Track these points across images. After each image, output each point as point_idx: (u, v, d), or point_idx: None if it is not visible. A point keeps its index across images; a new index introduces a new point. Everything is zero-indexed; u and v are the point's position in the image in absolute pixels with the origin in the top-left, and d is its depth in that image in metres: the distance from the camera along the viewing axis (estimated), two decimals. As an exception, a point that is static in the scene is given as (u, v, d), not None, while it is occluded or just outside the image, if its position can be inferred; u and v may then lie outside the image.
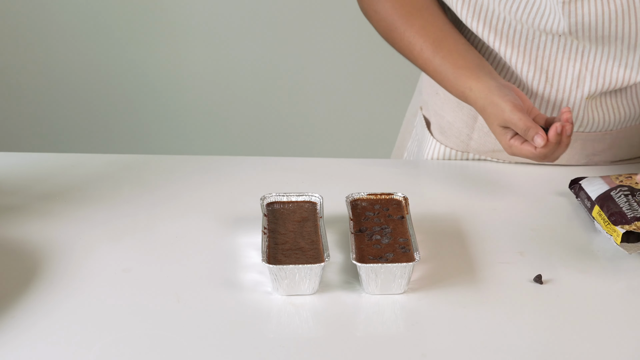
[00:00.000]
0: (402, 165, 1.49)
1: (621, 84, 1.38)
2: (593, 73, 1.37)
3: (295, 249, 1.16)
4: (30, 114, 2.97)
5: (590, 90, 1.38)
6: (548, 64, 1.38)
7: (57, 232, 1.25)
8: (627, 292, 1.17)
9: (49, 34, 2.87)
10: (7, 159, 1.46)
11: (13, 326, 1.07)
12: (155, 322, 1.08)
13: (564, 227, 1.29)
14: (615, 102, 1.41)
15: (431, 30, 1.39)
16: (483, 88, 1.32)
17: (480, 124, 1.46)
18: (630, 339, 1.08)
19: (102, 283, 1.15)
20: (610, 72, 1.37)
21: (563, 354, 1.05)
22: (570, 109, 1.28)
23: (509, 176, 1.43)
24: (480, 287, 1.16)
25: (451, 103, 1.48)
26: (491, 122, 1.31)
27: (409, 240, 1.18)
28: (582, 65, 1.37)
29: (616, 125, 1.44)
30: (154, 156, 1.48)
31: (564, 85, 1.39)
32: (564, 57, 1.37)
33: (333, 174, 1.43)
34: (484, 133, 1.46)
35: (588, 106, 1.40)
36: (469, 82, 1.34)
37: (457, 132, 1.48)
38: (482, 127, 1.46)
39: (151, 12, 2.84)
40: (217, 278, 1.16)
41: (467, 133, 1.47)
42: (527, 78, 1.39)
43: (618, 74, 1.37)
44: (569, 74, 1.38)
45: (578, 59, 1.37)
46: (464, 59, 1.36)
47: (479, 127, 1.46)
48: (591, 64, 1.37)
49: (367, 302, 1.13)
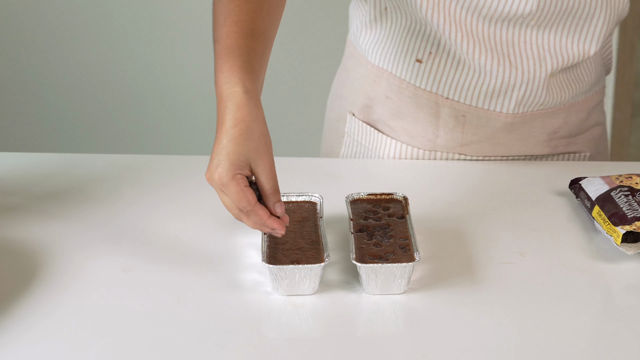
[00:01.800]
0: (402, 165, 1.49)
1: (578, 58, 1.42)
2: (552, 52, 1.41)
3: (295, 249, 1.16)
4: (30, 114, 2.97)
5: (553, 67, 1.42)
6: (509, 50, 1.40)
7: (57, 232, 1.25)
8: (627, 292, 1.17)
9: (49, 34, 2.87)
10: (7, 159, 1.46)
11: (13, 326, 1.07)
12: (155, 322, 1.08)
13: (564, 227, 1.29)
14: (569, 77, 1.46)
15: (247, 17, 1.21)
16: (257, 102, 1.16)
17: (444, 120, 1.47)
18: (631, 338, 1.08)
19: (102, 283, 1.15)
20: (567, 49, 1.41)
21: (563, 353, 1.05)
22: None
23: (509, 176, 1.43)
24: (480, 287, 1.16)
25: (409, 105, 1.48)
26: (244, 136, 1.12)
27: (409, 240, 1.18)
28: (540, 46, 1.40)
29: (568, 100, 1.48)
30: (154, 156, 1.48)
31: (528, 66, 1.41)
32: (521, 40, 1.39)
33: (333, 174, 1.43)
34: (450, 128, 1.47)
35: (549, 84, 1.44)
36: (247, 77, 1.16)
37: (422, 131, 1.48)
38: (447, 122, 1.47)
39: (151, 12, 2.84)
40: (217, 278, 1.16)
41: (432, 131, 1.48)
42: (491, 66, 1.41)
43: (574, 50, 1.41)
44: (530, 55, 1.41)
45: (537, 41, 1.40)
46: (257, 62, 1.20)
47: (442, 123, 1.47)
48: (549, 43, 1.40)
49: (367, 302, 1.13)
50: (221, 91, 1.14)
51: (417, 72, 1.45)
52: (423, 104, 1.47)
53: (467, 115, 1.45)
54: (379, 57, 1.49)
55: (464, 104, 1.44)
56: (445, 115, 1.46)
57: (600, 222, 1.25)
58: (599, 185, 1.30)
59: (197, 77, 2.90)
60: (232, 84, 1.14)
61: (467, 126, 1.46)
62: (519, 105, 1.44)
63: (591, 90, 1.51)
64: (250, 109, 1.13)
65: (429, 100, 1.46)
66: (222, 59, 1.16)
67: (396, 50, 1.46)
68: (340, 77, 1.60)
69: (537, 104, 1.45)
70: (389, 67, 1.48)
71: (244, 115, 1.12)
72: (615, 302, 1.15)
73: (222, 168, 1.10)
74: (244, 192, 1.11)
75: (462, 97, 1.44)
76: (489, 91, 1.43)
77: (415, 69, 1.45)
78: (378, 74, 1.49)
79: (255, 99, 1.14)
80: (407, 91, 1.47)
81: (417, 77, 1.45)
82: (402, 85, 1.47)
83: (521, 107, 1.44)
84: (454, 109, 1.45)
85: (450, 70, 1.42)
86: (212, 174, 1.11)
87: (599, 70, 1.51)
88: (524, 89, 1.42)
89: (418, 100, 1.47)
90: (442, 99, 1.45)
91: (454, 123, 1.46)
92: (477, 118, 1.45)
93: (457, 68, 1.42)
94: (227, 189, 1.11)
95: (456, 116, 1.46)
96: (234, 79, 1.14)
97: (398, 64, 1.47)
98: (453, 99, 1.44)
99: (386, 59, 1.48)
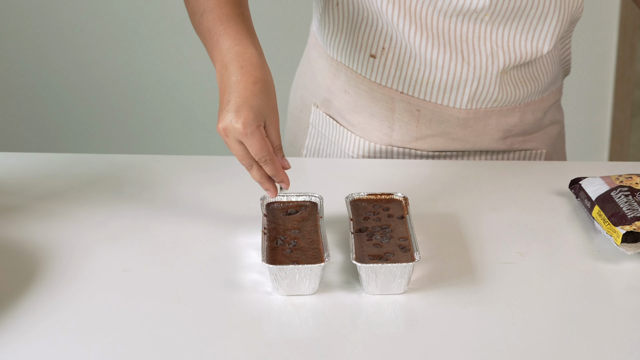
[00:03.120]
0: (402, 165, 1.49)
1: (531, 56, 1.43)
2: (504, 49, 1.42)
3: (295, 249, 1.16)
4: (30, 114, 2.97)
5: (505, 64, 1.43)
6: (462, 44, 1.41)
7: (57, 232, 1.25)
8: (627, 292, 1.17)
9: (49, 34, 2.87)
10: (7, 159, 1.46)
11: (13, 326, 1.07)
12: (155, 322, 1.08)
13: (564, 227, 1.29)
14: (523, 75, 1.47)
15: None
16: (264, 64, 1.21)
17: (399, 114, 1.48)
18: (631, 339, 1.08)
19: (102, 283, 1.15)
20: (520, 46, 1.42)
21: (563, 353, 1.05)
22: None
23: (509, 176, 1.44)
24: (480, 287, 1.16)
25: (365, 99, 1.49)
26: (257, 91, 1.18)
27: (409, 240, 1.18)
28: (493, 42, 1.41)
29: (524, 99, 1.49)
30: (154, 156, 1.48)
31: (480, 62, 1.42)
32: (475, 35, 1.41)
33: (333, 174, 1.43)
34: (405, 122, 1.48)
35: (502, 80, 1.45)
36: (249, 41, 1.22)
37: (379, 126, 1.49)
38: (402, 117, 1.48)
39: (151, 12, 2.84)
40: (217, 278, 1.16)
41: (388, 125, 1.49)
42: (443, 60, 1.42)
43: (527, 48, 1.43)
44: (483, 51, 1.42)
45: (490, 37, 1.41)
46: None
47: (397, 117, 1.48)
48: (503, 39, 1.42)
49: (367, 302, 1.13)
50: (233, 52, 1.20)
51: (371, 66, 1.46)
52: (378, 99, 1.48)
53: (421, 109, 1.46)
54: (336, 50, 1.50)
55: (417, 98, 1.46)
56: (400, 110, 1.48)
57: (600, 222, 1.25)
58: (599, 185, 1.30)
59: (197, 77, 2.90)
60: (244, 46, 1.20)
61: (422, 120, 1.47)
62: (471, 101, 1.45)
63: (547, 90, 1.53)
64: (266, 70, 1.20)
65: (384, 94, 1.47)
66: (225, 24, 1.22)
67: (351, 44, 1.47)
68: (303, 67, 1.61)
69: (490, 100, 1.46)
70: (346, 61, 1.49)
71: (263, 75, 1.19)
72: (615, 302, 1.15)
73: (248, 118, 1.15)
74: (266, 141, 1.17)
75: (415, 91, 1.46)
76: (442, 86, 1.44)
77: (370, 64, 1.46)
78: (337, 67, 1.50)
79: (265, 62, 1.21)
80: (363, 85, 1.48)
81: (372, 71, 1.47)
82: (359, 79, 1.48)
83: (474, 102, 1.45)
84: (408, 104, 1.47)
85: (404, 65, 1.44)
86: (233, 124, 1.15)
87: (555, 70, 1.53)
88: (476, 84, 1.44)
89: (374, 94, 1.48)
90: (397, 93, 1.46)
91: (409, 117, 1.47)
92: (431, 113, 1.47)
93: (409, 63, 1.43)
94: (251, 137, 1.16)
95: (411, 110, 1.47)
96: (244, 42, 1.21)
97: (353, 58, 1.48)
98: (407, 93, 1.45)
99: (343, 52, 1.49)
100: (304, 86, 1.60)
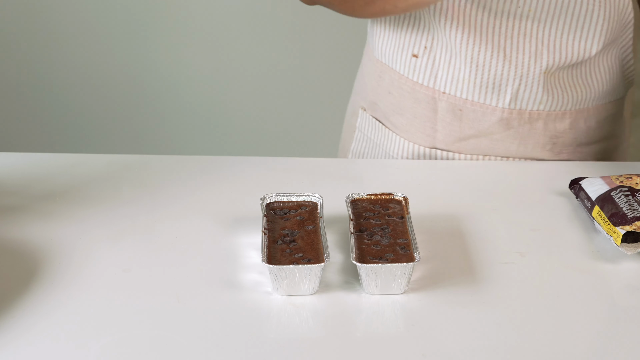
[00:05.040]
0: (402, 165, 1.49)
1: (577, 57, 1.42)
2: (549, 47, 1.41)
3: (295, 249, 1.16)
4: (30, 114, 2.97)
5: (549, 64, 1.42)
6: (504, 42, 1.41)
7: (57, 232, 1.25)
8: (627, 292, 1.17)
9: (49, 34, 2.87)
10: (7, 159, 1.45)
11: (13, 326, 1.07)
12: (155, 322, 1.08)
13: (564, 227, 1.29)
14: (572, 78, 1.45)
15: None
16: None
17: (442, 114, 1.48)
18: (631, 339, 1.08)
19: (102, 283, 1.15)
20: (566, 46, 1.41)
21: (563, 354, 1.05)
22: None
23: (509, 176, 1.44)
24: (480, 287, 1.16)
25: (408, 100, 1.49)
26: None
27: (409, 241, 1.18)
28: (538, 40, 1.41)
29: (574, 105, 1.47)
30: (154, 156, 1.48)
31: (522, 60, 1.42)
32: (520, 33, 1.40)
33: (333, 174, 1.43)
34: (447, 123, 1.48)
35: (547, 82, 1.43)
36: None
37: (421, 127, 1.49)
38: (444, 117, 1.48)
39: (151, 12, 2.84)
40: (217, 278, 1.16)
41: (430, 126, 1.48)
42: (484, 58, 1.42)
43: (573, 47, 1.41)
44: (526, 49, 1.41)
45: (534, 34, 1.40)
46: None
47: (440, 118, 1.48)
48: (548, 37, 1.40)
49: (367, 302, 1.13)
50: None
51: (414, 66, 1.46)
52: (421, 99, 1.48)
53: (463, 109, 1.46)
54: (381, 51, 1.50)
55: (460, 97, 1.45)
56: (442, 110, 1.47)
57: (600, 223, 1.25)
58: (599, 185, 1.30)
59: (198, 77, 2.90)
60: None
61: (464, 120, 1.47)
62: (514, 100, 1.44)
63: (603, 99, 1.50)
64: None
65: (427, 95, 1.47)
66: None
67: (394, 45, 1.47)
68: (359, 72, 1.62)
69: (535, 101, 1.45)
70: (390, 62, 1.49)
71: None
72: (615, 302, 1.15)
73: None
74: None
75: (457, 90, 1.45)
76: (483, 84, 1.43)
77: (412, 64, 1.46)
78: (382, 69, 1.51)
79: None
80: (406, 86, 1.48)
81: (414, 71, 1.47)
82: (402, 80, 1.48)
83: (517, 102, 1.45)
84: (450, 103, 1.46)
85: (445, 63, 1.44)
86: None
87: (613, 79, 1.50)
88: (518, 83, 1.43)
89: (416, 95, 1.48)
90: (439, 93, 1.46)
91: (451, 117, 1.47)
92: (473, 112, 1.46)
93: (450, 61, 1.43)
94: None
95: (453, 110, 1.47)
96: None
97: (397, 59, 1.48)
98: (449, 93, 1.45)
99: (387, 53, 1.49)
100: (355, 91, 1.61)
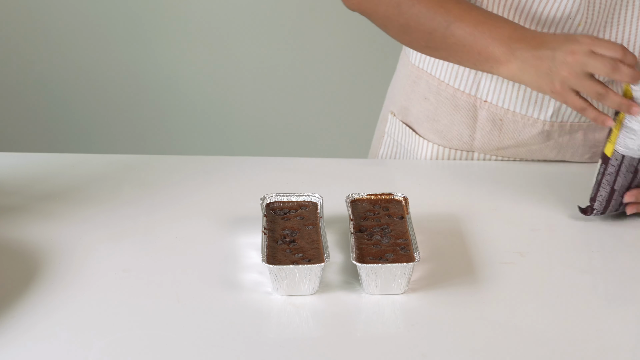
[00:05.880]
0: (402, 165, 1.49)
1: None
2: None
3: (295, 249, 1.16)
4: (30, 114, 2.97)
5: None
6: None
7: (57, 232, 1.25)
8: (627, 292, 1.17)
9: (49, 34, 2.87)
10: (7, 159, 1.46)
11: (13, 326, 1.07)
12: (155, 322, 1.08)
13: (564, 227, 1.29)
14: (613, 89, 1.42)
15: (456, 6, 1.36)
16: None
17: (481, 123, 1.46)
18: (631, 339, 1.08)
19: (102, 283, 1.15)
20: None
21: (563, 354, 1.05)
22: None
23: (510, 176, 1.43)
24: (480, 287, 1.16)
25: (446, 106, 1.48)
26: None
27: (409, 241, 1.18)
28: None
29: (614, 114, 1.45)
30: (154, 156, 1.48)
31: None
32: None
33: (333, 174, 1.43)
34: (487, 132, 1.47)
35: None
36: None
37: (459, 135, 1.48)
38: (484, 126, 1.46)
39: (151, 12, 2.84)
40: (217, 278, 1.16)
41: (468, 134, 1.47)
42: None
43: None
44: None
45: None
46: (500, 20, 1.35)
47: (480, 126, 1.46)
48: None
49: (367, 302, 1.13)
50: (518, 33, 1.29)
51: (456, 73, 1.45)
52: (461, 106, 1.46)
53: (504, 119, 1.45)
54: (419, 57, 1.49)
55: (501, 107, 1.44)
56: (482, 119, 1.46)
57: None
58: None
59: (198, 77, 2.90)
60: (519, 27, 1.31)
61: (504, 130, 1.45)
62: (556, 114, 1.43)
63: None
64: None
65: (467, 102, 1.46)
66: (502, 20, 1.32)
67: None
68: (393, 79, 1.61)
69: (577, 114, 1.43)
70: (428, 68, 1.48)
71: None
72: (615, 302, 1.15)
73: (581, 35, 1.26)
74: None
75: (500, 100, 1.44)
76: (526, 96, 1.42)
77: (455, 71, 1.45)
78: (418, 75, 1.50)
79: None
80: (446, 92, 1.47)
81: (456, 78, 1.45)
82: (441, 86, 1.47)
83: (559, 115, 1.43)
84: (491, 112, 1.45)
85: (488, 73, 1.41)
86: (577, 39, 1.25)
87: None
88: None
89: (456, 102, 1.46)
90: (481, 101, 1.45)
91: (491, 126, 1.46)
92: (514, 123, 1.45)
93: None
94: (608, 43, 1.24)
95: (494, 119, 1.45)
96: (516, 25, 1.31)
97: (437, 65, 1.46)
98: (491, 102, 1.44)
99: (426, 59, 1.48)
100: (387, 97, 1.60)
